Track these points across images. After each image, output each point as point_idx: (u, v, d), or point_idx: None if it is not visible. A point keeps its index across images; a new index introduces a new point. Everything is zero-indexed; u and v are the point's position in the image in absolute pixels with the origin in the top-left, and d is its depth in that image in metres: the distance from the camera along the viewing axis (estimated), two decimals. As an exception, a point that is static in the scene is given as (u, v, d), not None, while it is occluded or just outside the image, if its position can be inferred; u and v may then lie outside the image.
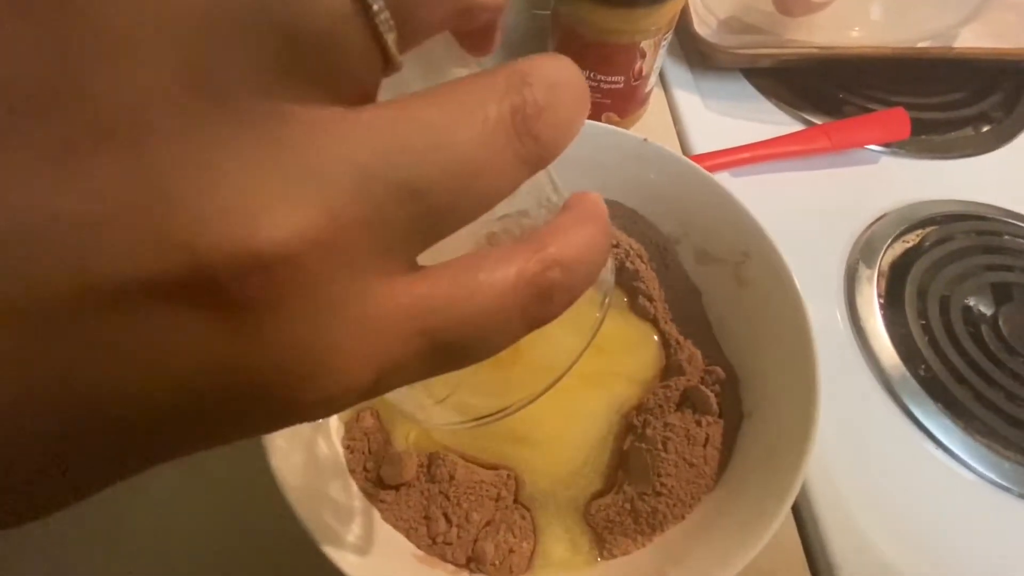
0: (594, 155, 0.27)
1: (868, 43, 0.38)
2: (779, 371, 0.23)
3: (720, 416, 0.24)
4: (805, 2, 0.37)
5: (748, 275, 0.25)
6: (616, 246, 0.27)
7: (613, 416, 0.24)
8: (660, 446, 0.23)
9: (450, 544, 0.21)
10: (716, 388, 0.24)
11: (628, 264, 0.27)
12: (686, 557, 0.20)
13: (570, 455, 0.24)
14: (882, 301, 0.32)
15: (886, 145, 0.38)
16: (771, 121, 0.39)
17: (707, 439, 0.23)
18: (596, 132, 0.27)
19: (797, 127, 0.39)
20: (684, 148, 0.38)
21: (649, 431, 0.23)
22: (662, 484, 0.22)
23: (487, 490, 0.22)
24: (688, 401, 0.24)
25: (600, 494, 0.23)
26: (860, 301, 0.32)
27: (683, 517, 0.22)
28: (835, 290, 0.33)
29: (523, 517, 0.22)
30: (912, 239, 0.35)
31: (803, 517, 0.26)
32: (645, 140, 0.26)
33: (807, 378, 0.21)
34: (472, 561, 0.21)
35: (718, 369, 0.25)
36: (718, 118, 0.39)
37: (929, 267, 0.33)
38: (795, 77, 0.41)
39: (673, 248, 0.28)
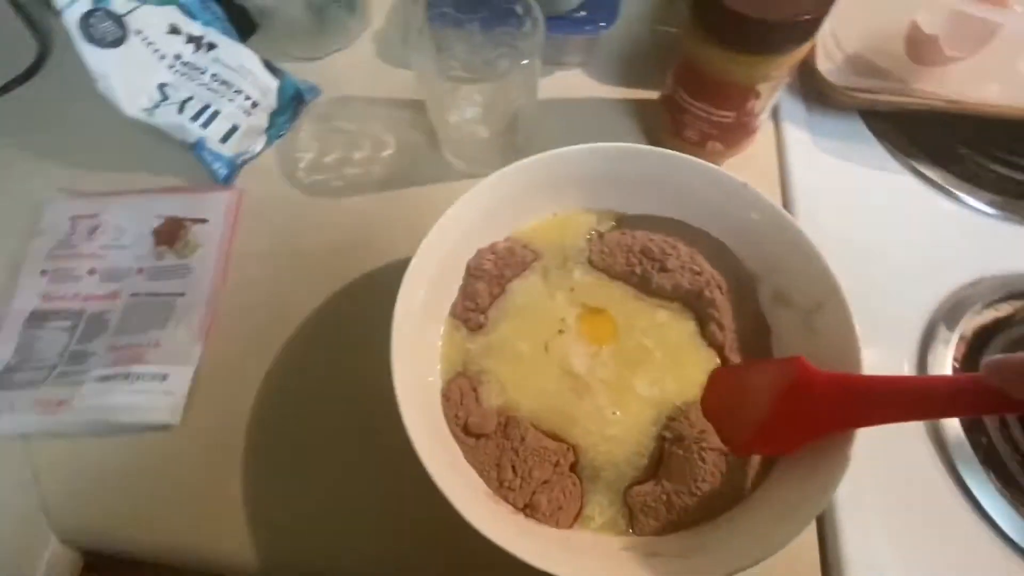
0: (695, 187, 0.30)
1: (1005, 102, 0.37)
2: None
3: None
4: (940, 53, 0.37)
5: (819, 325, 0.26)
6: (699, 273, 0.30)
7: (663, 419, 0.28)
8: (698, 456, 0.26)
9: (513, 491, 0.26)
10: (765, 414, 0.27)
11: (707, 292, 0.30)
12: (710, 546, 0.24)
13: (621, 444, 0.28)
14: (957, 366, 0.32)
15: (1000, 208, 0.37)
16: (879, 167, 0.39)
17: (746, 460, 0.26)
18: (699, 169, 0.29)
19: (906, 176, 0.39)
20: (784, 183, 0.39)
21: (690, 443, 0.26)
22: (698, 488, 0.26)
23: (549, 456, 0.27)
24: (736, 420, 0.27)
25: (640, 481, 0.27)
26: (932, 360, 0.32)
27: (713, 519, 0.25)
28: (908, 344, 0.33)
29: (574, 484, 0.27)
30: (1005, 308, 0.34)
31: (828, 543, 0.28)
32: (745, 185, 0.29)
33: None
34: (528, 508, 0.26)
35: (770, 398, 0.27)
36: (825, 157, 0.40)
37: (1016, 340, 0.33)
38: (915, 125, 0.40)
39: (753, 285, 0.30)
